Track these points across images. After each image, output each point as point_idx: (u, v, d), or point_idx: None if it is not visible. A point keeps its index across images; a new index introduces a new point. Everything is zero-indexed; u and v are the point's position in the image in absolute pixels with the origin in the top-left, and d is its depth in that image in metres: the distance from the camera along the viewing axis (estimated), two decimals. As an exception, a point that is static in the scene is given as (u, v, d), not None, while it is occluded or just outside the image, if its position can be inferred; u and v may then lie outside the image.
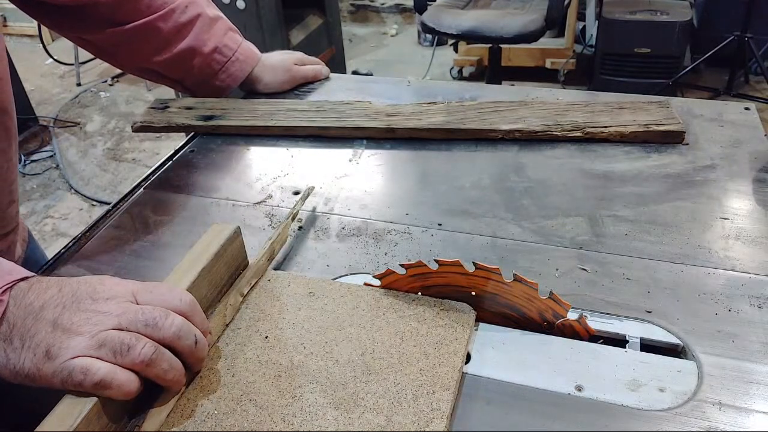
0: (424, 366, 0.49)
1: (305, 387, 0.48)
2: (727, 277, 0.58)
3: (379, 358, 0.50)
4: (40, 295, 0.46)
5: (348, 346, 0.51)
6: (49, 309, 0.45)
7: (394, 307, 0.55)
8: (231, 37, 0.94)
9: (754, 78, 3.01)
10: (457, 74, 3.36)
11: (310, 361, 0.50)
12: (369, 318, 0.54)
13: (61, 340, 0.43)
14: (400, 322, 0.53)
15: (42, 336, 0.44)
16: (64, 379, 0.42)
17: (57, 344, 0.43)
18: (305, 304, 0.56)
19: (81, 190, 2.64)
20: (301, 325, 0.53)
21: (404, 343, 0.51)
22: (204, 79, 0.94)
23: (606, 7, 2.77)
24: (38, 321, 0.44)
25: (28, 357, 0.43)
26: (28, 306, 0.45)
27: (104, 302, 0.45)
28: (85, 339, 0.43)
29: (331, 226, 0.69)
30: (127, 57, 0.91)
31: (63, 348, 0.43)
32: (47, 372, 0.43)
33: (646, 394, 0.48)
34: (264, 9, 2.33)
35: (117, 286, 0.47)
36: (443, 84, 1.13)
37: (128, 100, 3.36)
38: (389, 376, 0.48)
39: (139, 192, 0.79)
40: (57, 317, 0.44)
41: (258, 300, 0.57)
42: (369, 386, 0.48)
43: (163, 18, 0.87)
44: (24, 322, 0.44)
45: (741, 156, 0.76)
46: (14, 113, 0.71)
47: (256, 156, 0.85)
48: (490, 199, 0.72)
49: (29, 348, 0.43)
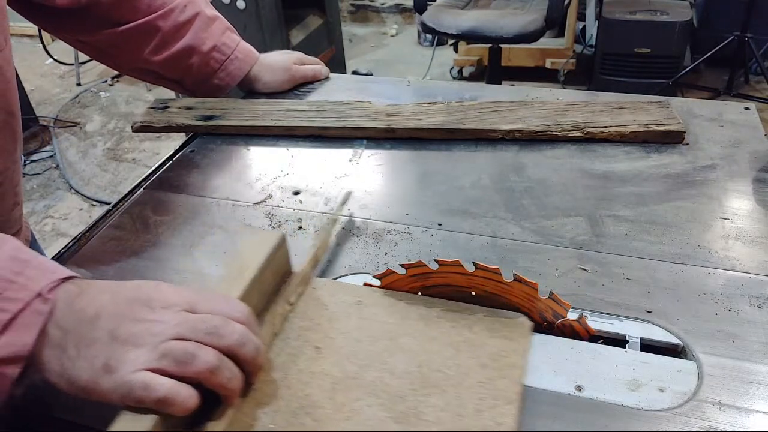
0: (483, 378, 0.47)
1: (363, 400, 0.46)
2: (727, 277, 0.58)
3: (436, 370, 0.48)
4: (93, 302, 0.44)
5: (402, 357, 0.49)
6: (104, 318, 0.43)
7: (445, 317, 0.53)
8: (229, 37, 0.94)
9: (754, 78, 3.00)
10: (457, 74, 3.36)
11: (365, 372, 0.48)
12: (421, 328, 0.51)
13: (120, 353, 0.41)
14: (453, 333, 0.51)
15: (99, 347, 0.42)
16: (123, 395, 0.41)
17: (116, 357, 0.41)
18: (354, 313, 0.54)
19: (81, 190, 2.64)
20: (352, 335, 0.51)
21: (460, 354, 0.49)
22: (203, 79, 0.94)
23: (606, 7, 2.77)
24: (94, 329, 0.42)
25: (84, 368, 0.42)
26: (80, 312, 0.43)
27: (162, 311, 0.44)
28: (145, 351, 0.41)
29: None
30: (126, 57, 0.90)
31: (122, 361, 0.41)
32: (106, 387, 0.41)
33: (646, 394, 0.48)
34: (264, 9, 2.33)
35: (173, 294, 0.45)
36: (443, 84, 1.13)
37: (128, 100, 3.36)
38: (448, 388, 0.46)
39: (139, 192, 0.78)
40: (114, 328, 0.42)
41: (305, 309, 0.55)
42: (429, 399, 0.45)
43: (162, 17, 0.87)
44: (78, 330, 0.42)
45: (741, 156, 0.76)
46: (20, 116, 0.71)
47: (256, 156, 0.85)
48: (490, 199, 0.72)
49: (85, 358, 0.42)
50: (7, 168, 0.70)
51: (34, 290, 0.42)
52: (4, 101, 0.66)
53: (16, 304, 0.41)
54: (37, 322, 0.42)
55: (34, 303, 0.42)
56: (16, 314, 0.41)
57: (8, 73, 0.66)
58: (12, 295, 0.41)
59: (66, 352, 0.42)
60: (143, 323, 0.43)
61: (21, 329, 0.41)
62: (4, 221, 0.72)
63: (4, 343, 0.41)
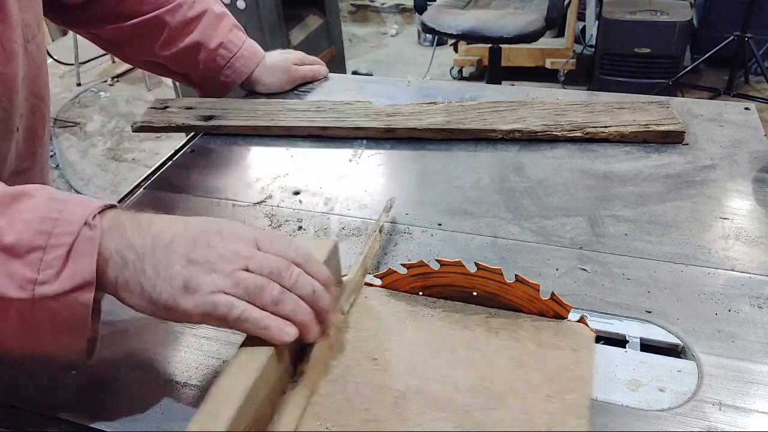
0: (550, 392, 0.45)
1: (428, 415, 0.44)
2: (727, 277, 0.58)
3: (501, 383, 0.46)
4: (167, 229, 0.47)
5: (465, 370, 0.47)
6: (180, 243, 0.46)
7: (506, 328, 0.51)
8: (236, 34, 0.95)
9: (754, 78, 3.00)
10: (457, 74, 3.36)
11: (427, 386, 0.46)
12: (482, 339, 0.50)
13: (198, 275, 0.44)
14: (515, 345, 0.49)
15: (177, 269, 0.45)
16: (206, 312, 0.44)
17: (195, 278, 0.44)
18: (409, 323, 0.52)
19: (81, 190, 2.64)
20: (409, 346, 0.50)
21: (524, 367, 0.47)
22: (209, 75, 0.95)
23: (606, 7, 2.77)
24: (170, 253, 0.45)
25: (164, 288, 0.44)
26: (156, 237, 0.46)
27: (233, 242, 0.47)
28: (220, 276, 0.45)
29: (331, 226, 0.69)
30: (136, 51, 0.92)
31: (201, 283, 0.44)
32: (187, 305, 0.44)
33: (646, 394, 0.48)
34: (264, 9, 2.33)
35: (242, 229, 0.49)
36: (443, 84, 1.13)
37: (128, 100, 3.35)
38: (515, 403, 0.44)
39: (139, 192, 0.79)
40: (190, 252, 0.45)
41: (358, 318, 0.53)
42: (496, 413, 0.44)
43: (171, 12, 0.88)
44: (154, 253, 0.45)
45: (741, 156, 0.76)
46: (49, 101, 0.73)
47: (256, 156, 0.85)
48: (490, 199, 0.72)
49: (165, 279, 0.44)
50: (36, 152, 0.72)
51: (80, 221, 0.44)
52: (35, 86, 0.68)
53: (69, 237, 0.44)
54: (92, 247, 0.44)
55: (83, 231, 0.44)
56: (71, 245, 0.43)
57: (39, 59, 0.68)
58: (61, 230, 0.44)
59: (144, 273, 0.45)
60: (217, 250, 0.46)
61: (80, 257, 0.43)
62: None
63: (70, 273, 0.43)
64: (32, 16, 0.66)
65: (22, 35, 0.64)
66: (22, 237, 0.43)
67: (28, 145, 0.70)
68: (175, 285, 0.44)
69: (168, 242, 0.46)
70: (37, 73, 0.68)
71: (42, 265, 0.43)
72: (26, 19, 0.64)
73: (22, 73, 0.64)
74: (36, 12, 0.67)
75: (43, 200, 0.45)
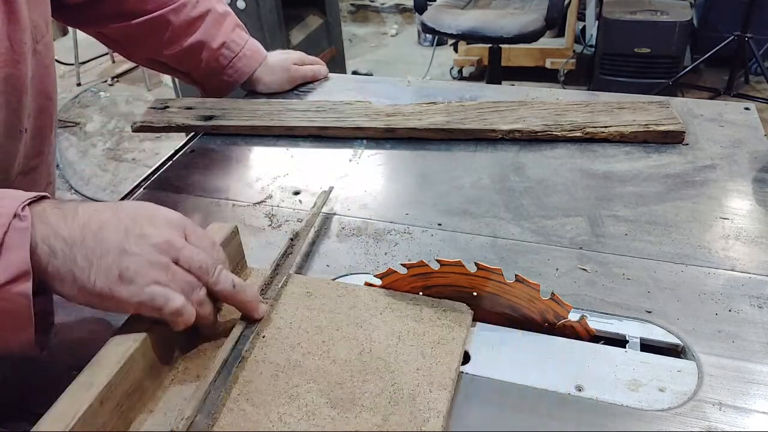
0: (421, 365, 0.49)
1: (302, 386, 0.48)
2: (727, 277, 0.58)
3: (377, 358, 0.50)
4: (95, 216, 0.47)
5: (345, 345, 0.51)
6: (110, 231, 0.46)
7: (391, 307, 0.55)
8: (238, 34, 0.96)
9: (754, 78, 3.01)
10: (457, 74, 3.36)
11: (308, 360, 0.50)
12: (366, 317, 0.54)
13: (133, 265, 0.45)
14: (397, 322, 0.53)
15: (111, 259, 0.45)
16: (141, 303, 0.45)
17: (131, 268, 0.45)
18: (303, 303, 0.56)
19: (81, 190, 2.64)
20: (299, 324, 0.53)
21: (401, 342, 0.51)
22: (211, 74, 0.95)
23: (606, 7, 2.77)
24: (102, 241, 0.45)
25: (99, 278, 0.45)
26: (84, 226, 0.46)
27: (164, 229, 0.48)
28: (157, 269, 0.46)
29: (331, 226, 0.69)
30: (139, 49, 0.93)
31: (138, 274, 0.45)
32: (123, 295, 0.45)
33: (646, 394, 0.48)
34: (264, 9, 2.33)
35: (171, 215, 0.50)
36: (443, 84, 1.13)
37: (128, 100, 3.35)
38: (386, 375, 0.48)
39: (139, 192, 0.79)
40: (122, 240, 0.46)
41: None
42: (366, 386, 0.48)
43: (175, 11, 0.88)
44: (85, 242, 0.45)
45: (741, 156, 0.76)
46: (56, 100, 0.74)
47: (256, 156, 0.85)
48: (489, 199, 0.72)
49: (99, 268, 0.45)
50: (43, 150, 0.72)
51: (9, 214, 0.44)
52: (43, 86, 0.68)
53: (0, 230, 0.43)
54: (24, 237, 0.44)
55: (13, 223, 0.44)
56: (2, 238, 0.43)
57: (47, 59, 0.69)
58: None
59: (76, 263, 0.45)
60: (150, 239, 0.47)
61: (12, 249, 0.43)
62: None
63: (5, 265, 0.43)
64: (41, 16, 0.66)
65: (32, 36, 0.64)
66: None
67: (35, 145, 0.70)
68: (111, 275, 0.45)
69: (97, 230, 0.46)
70: (45, 73, 0.69)
71: None
72: (35, 19, 0.65)
73: (30, 74, 0.65)
74: (45, 12, 0.68)
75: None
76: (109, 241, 0.46)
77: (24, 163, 0.68)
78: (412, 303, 0.55)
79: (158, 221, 0.48)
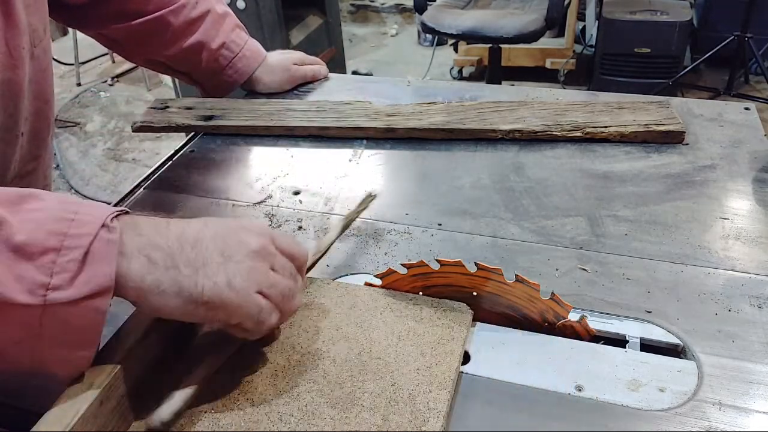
0: (421, 365, 0.49)
1: (302, 386, 0.48)
2: (727, 277, 0.58)
3: (376, 358, 0.50)
4: (187, 228, 0.45)
5: (345, 345, 0.51)
6: (208, 239, 0.45)
7: (391, 307, 0.55)
8: (238, 34, 0.96)
9: (754, 78, 3.01)
10: (457, 74, 3.36)
11: (307, 360, 0.50)
12: (366, 317, 0.54)
13: (240, 271, 0.44)
14: (397, 322, 0.53)
15: (216, 265, 0.44)
16: (248, 314, 0.45)
17: (239, 275, 0.44)
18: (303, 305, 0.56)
19: (81, 190, 2.64)
20: (298, 324, 0.54)
21: (401, 342, 0.51)
22: (211, 74, 0.96)
23: (606, 7, 2.77)
24: (202, 250, 0.44)
25: (206, 284, 0.43)
26: (180, 236, 0.44)
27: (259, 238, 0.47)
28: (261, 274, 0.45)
29: (331, 226, 0.69)
30: (139, 49, 0.93)
31: (246, 280, 0.44)
32: (234, 302, 0.44)
33: (646, 394, 0.48)
34: (264, 9, 2.33)
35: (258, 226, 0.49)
36: (443, 84, 1.13)
37: (128, 100, 3.35)
38: (386, 375, 0.48)
39: (139, 192, 0.79)
40: (223, 248, 0.45)
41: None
42: (366, 385, 0.48)
43: (174, 12, 0.88)
44: (184, 251, 0.44)
45: (741, 156, 0.76)
46: (53, 103, 0.73)
47: (256, 156, 0.85)
48: (490, 199, 0.72)
49: (206, 276, 0.43)
50: (39, 154, 0.72)
51: (97, 222, 0.41)
52: (40, 90, 0.68)
53: (85, 239, 0.40)
54: (111, 249, 0.41)
55: (101, 234, 0.41)
56: (88, 247, 0.40)
57: (45, 62, 0.68)
58: (77, 231, 0.41)
59: (180, 272, 0.43)
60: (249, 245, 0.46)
61: (98, 261, 0.41)
62: None
63: (88, 278, 0.40)
64: (39, 20, 0.66)
65: (29, 40, 0.64)
66: (34, 237, 0.39)
67: (31, 148, 0.70)
68: (219, 281, 0.43)
69: (194, 241, 0.45)
70: (43, 76, 0.68)
71: (55, 268, 0.39)
72: (33, 23, 0.64)
73: (28, 78, 0.64)
74: (43, 16, 0.67)
75: (54, 201, 0.42)
76: (210, 249, 0.44)
77: (20, 167, 0.68)
78: (411, 303, 0.55)
79: (251, 229, 0.47)
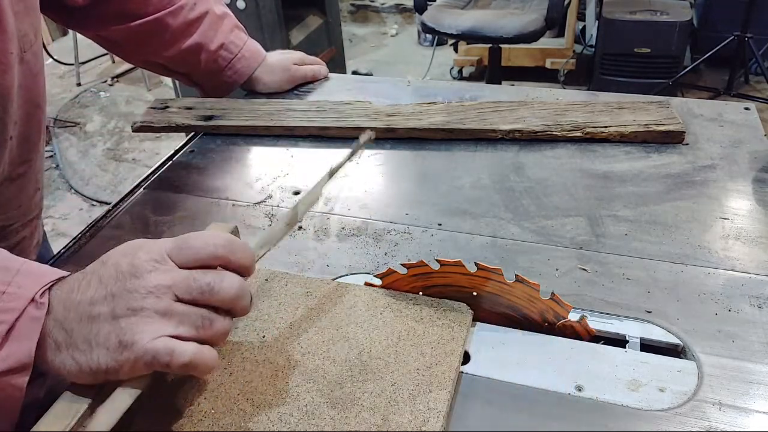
0: (421, 365, 0.49)
1: (302, 386, 0.48)
2: (727, 277, 0.58)
3: (376, 358, 0.50)
4: (84, 293, 0.43)
5: (345, 345, 0.51)
6: (99, 304, 0.42)
7: (391, 307, 0.55)
8: (237, 35, 0.96)
9: (754, 78, 3.01)
10: (457, 74, 3.36)
11: (307, 360, 0.50)
12: (366, 317, 0.54)
13: (129, 326, 0.41)
14: (397, 322, 0.53)
15: (107, 331, 0.42)
16: (148, 363, 0.41)
17: (128, 331, 0.41)
18: (302, 303, 0.56)
19: (81, 190, 2.64)
20: (299, 324, 0.54)
21: (401, 342, 0.51)
22: (210, 75, 0.95)
23: (606, 7, 2.77)
24: (94, 320, 0.42)
25: (101, 354, 0.41)
26: (77, 307, 0.43)
27: (150, 275, 0.43)
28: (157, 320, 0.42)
29: (331, 226, 0.69)
30: (137, 51, 0.93)
31: (137, 333, 0.41)
32: (128, 360, 0.41)
33: (646, 394, 0.48)
34: (264, 9, 2.33)
35: (151, 253, 0.44)
36: (443, 84, 1.13)
37: (128, 100, 3.36)
38: (386, 375, 0.48)
39: (139, 192, 0.79)
40: (113, 309, 0.42)
41: (255, 299, 0.57)
42: (366, 386, 0.48)
43: (172, 14, 0.88)
44: (80, 326, 0.42)
45: (741, 156, 0.76)
46: (45, 108, 0.73)
47: (256, 156, 0.85)
48: (490, 199, 0.72)
49: (98, 345, 0.42)
50: (30, 158, 0.71)
51: (27, 297, 0.41)
52: (31, 94, 0.68)
53: (12, 314, 0.41)
54: (35, 328, 0.41)
55: (28, 310, 0.41)
56: (12, 324, 0.41)
57: (36, 67, 0.68)
58: (6, 306, 0.41)
59: (78, 349, 0.42)
60: (137, 293, 0.42)
61: (20, 338, 0.41)
62: (26, 206, 0.74)
63: (6, 354, 0.40)
64: (29, 25, 0.65)
65: (19, 45, 0.63)
66: None
67: (22, 152, 0.69)
68: (111, 346, 0.41)
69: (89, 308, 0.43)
70: (33, 81, 0.68)
71: None
72: (23, 29, 0.64)
73: (17, 83, 0.64)
74: (33, 21, 0.67)
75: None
76: (100, 314, 0.42)
77: (10, 170, 0.68)
78: (411, 303, 0.55)
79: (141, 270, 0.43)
